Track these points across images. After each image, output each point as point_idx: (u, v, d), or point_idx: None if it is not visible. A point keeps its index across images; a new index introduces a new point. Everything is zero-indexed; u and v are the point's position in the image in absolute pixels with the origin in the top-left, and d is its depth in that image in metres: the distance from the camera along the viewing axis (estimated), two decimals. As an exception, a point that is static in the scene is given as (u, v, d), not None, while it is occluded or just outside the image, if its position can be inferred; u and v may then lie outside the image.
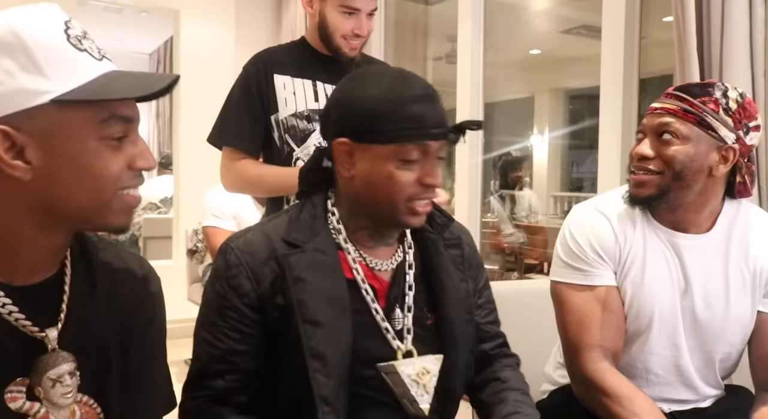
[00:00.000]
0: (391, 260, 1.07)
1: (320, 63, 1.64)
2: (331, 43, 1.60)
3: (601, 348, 1.19)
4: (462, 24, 3.04)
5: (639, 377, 1.25)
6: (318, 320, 0.94)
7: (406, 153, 0.95)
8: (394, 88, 0.96)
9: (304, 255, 0.98)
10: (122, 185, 0.75)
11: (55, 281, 0.79)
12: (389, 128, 0.94)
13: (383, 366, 1.00)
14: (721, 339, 1.24)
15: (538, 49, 6.76)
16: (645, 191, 1.19)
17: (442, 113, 0.99)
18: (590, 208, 1.29)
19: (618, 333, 1.22)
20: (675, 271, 1.23)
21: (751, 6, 1.70)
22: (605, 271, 1.24)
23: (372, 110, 0.95)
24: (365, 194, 1.00)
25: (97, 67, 0.72)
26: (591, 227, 1.26)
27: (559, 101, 7.85)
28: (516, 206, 5.22)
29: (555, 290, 1.29)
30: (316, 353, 0.93)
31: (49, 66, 0.68)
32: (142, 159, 0.76)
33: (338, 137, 0.98)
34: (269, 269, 0.98)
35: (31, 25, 0.69)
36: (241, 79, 1.64)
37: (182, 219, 4.02)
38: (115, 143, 0.73)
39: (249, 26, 4.17)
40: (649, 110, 1.22)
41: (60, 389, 0.76)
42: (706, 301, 1.22)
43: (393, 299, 1.05)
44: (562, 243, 1.29)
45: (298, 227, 1.01)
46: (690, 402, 1.28)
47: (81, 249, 0.83)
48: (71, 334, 0.78)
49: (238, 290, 0.97)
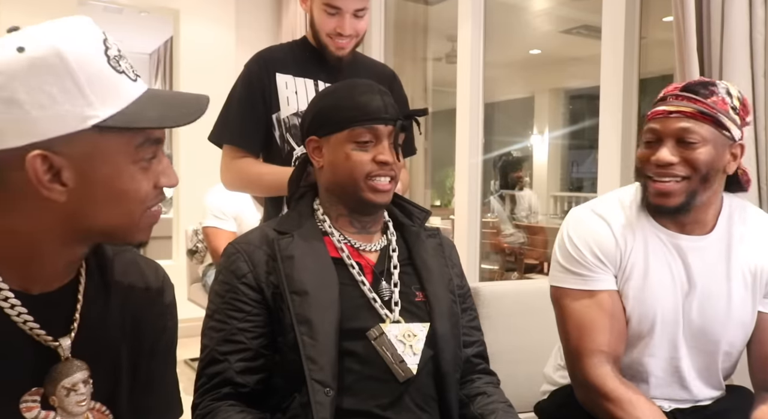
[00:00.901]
0: (375, 244, 1.19)
1: (321, 62, 1.65)
2: (320, 42, 1.62)
3: (602, 354, 1.18)
4: (462, 24, 3.04)
5: (639, 379, 1.25)
6: (304, 290, 1.06)
7: (358, 136, 1.13)
8: (344, 87, 1.19)
9: (293, 239, 1.12)
10: (150, 204, 0.76)
11: (70, 288, 0.79)
12: (341, 117, 1.13)
13: (371, 331, 1.08)
14: (722, 340, 1.24)
15: (538, 49, 6.76)
16: (674, 200, 1.17)
17: (389, 103, 1.16)
18: (588, 211, 1.28)
19: (619, 338, 1.21)
20: (678, 274, 1.22)
21: (751, 6, 1.69)
22: (606, 275, 1.23)
23: (327, 106, 1.17)
24: (333, 179, 1.16)
25: (134, 89, 0.73)
26: (590, 231, 1.24)
27: (559, 101, 7.86)
28: (516, 206, 5.23)
29: (555, 295, 1.28)
30: (303, 318, 1.04)
31: (92, 90, 0.68)
32: (165, 177, 0.77)
33: (306, 136, 1.18)
34: (263, 252, 1.11)
35: (74, 48, 0.67)
36: (243, 78, 1.64)
37: (182, 219, 4.03)
38: (146, 164, 0.74)
39: (249, 26, 4.17)
40: (658, 114, 1.19)
41: (75, 397, 0.77)
42: (708, 302, 1.22)
43: (379, 273, 1.15)
44: (561, 247, 1.27)
45: (287, 220, 1.17)
46: (690, 401, 1.28)
47: (96, 256, 0.83)
48: (84, 341, 0.78)
49: (237, 272, 1.10)
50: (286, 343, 1.05)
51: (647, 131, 1.20)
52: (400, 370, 1.07)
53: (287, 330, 1.05)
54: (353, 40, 1.62)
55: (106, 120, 0.69)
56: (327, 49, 1.61)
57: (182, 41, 4.08)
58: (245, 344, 1.06)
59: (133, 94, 0.72)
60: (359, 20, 1.60)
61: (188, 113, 0.75)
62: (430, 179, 5.40)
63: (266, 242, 1.12)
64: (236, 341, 1.06)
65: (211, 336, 1.08)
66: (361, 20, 1.60)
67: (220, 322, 1.08)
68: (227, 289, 1.09)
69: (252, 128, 1.62)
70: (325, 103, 1.17)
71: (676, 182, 1.16)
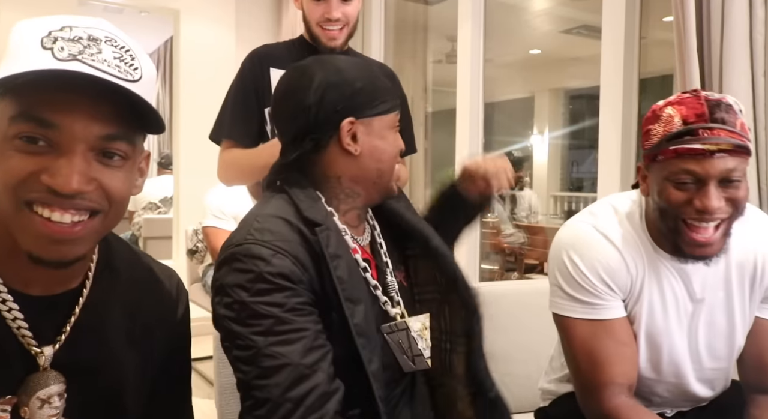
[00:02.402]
0: (366, 235, 1.10)
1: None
2: (312, 35, 1.63)
3: (616, 385, 1.12)
4: (462, 24, 3.04)
5: (643, 398, 1.22)
6: (356, 296, 0.94)
7: (395, 121, 1.04)
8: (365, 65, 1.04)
9: (330, 232, 0.95)
10: (24, 196, 0.65)
11: (73, 294, 0.75)
12: (384, 99, 1.01)
13: (388, 326, 1.02)
14: (727, 354, 1.21)
15: (538, 49, 6.76)
16: (716, 248, 1.08)
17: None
18: (590, 229, 1.18)
19: (632, 365, 1.15)
20: (681, 297, 1.17)
21: (751, 7, 1.69)
22: (616, 302, 1.16)
23: (373, 84, 1.01)
24: (372, 167, 1.02)
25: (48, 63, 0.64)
26: (598, 255, 1.15)
27: (559, 101, 7.86)
28: (516, 206, 5.23)
29: (560, 324, 1.20)
30: (362, 330, 0.92)
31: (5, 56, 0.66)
32: (48, 174, 0.65)
33: (339, 118, 0.98)
34: (305, 250, 0.92)
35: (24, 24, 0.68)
36: (238, 76, 1.66)
37: (182, 219, 4.03)
38: (24, 146, 0.65)
39: (249, 26, 4.17)
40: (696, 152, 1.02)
41: (48, 410, 0.73)
42: (711, 320, 1.18)
43: (382, 268, 1.08)
44: (563, 272, 1.18)
45: (308, 207, 0.96)
46: (693, 405, 1.28)
47: (107, 261, 0.79)
48: (71, 352, 0.74)
49: (292, 277, 0.89)
50: (338, 355, 0.91)
51: (682, 172, 1.04)
52: (413, 364, 1.04)
53: (340, 340, 0.91)
54: (344, 29, 1.62)
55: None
56: (319, 41, 1.62)
57: (182, 41, 4.08)
58: (327, 346, 0.90)
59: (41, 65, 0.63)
60: (347, 5, 1.60)
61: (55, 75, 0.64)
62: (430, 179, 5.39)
63: (301, 236, 0.93)
64: (321, 345, 0.89)
65: (284, 352, 0.85)
66: (348, 5, 1.60)
67: (293, 332, 0.86)
68: (288, 295, 0.87)
69: (245, 122, 1.63)
70: (365, 80, 1.00)
71: (716, 227, 1.06)
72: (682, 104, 1.06)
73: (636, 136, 2.30)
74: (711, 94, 1.06)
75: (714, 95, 1.06)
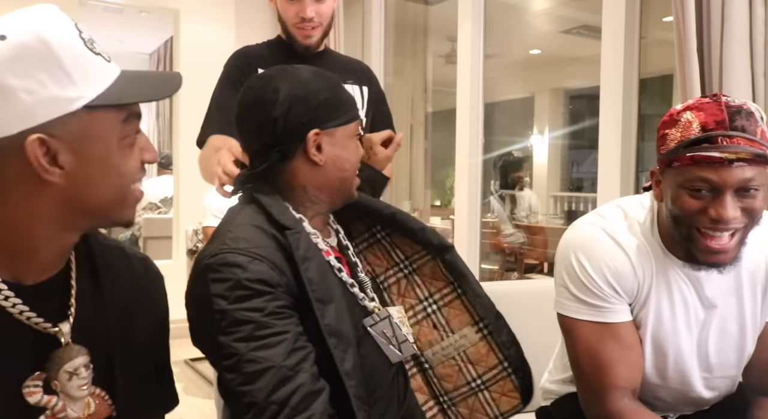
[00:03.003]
0: (333, 237, 1.14)
1: (295, 58, 1.63)
2: (288, 34, 1.65)
3: (620, 388, 1.12)
4: (462, 24, 3.04)
5: (647, 403, 1.20)
6: (327, 297, 0.96)
7: (356, 130, 1.08)
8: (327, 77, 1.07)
9: (300, 235, 0.99)
10: (135, 178, 0.79)
11: (61, 278, 0.80)
12: (346, 110, 1.06)
13: (370, 319, 1.08)
14: (737, 363, 1.20)
15: (538, 49, 6.76)
16: (730, 256, 1.06)
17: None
18: (599, 232, 1.16)
19: (636, 369, 1.15)
20: (693, 305, 1.15)
21: (751, 7, 1.69)
22: (622, 306, 1.15)
23: (335, 95, 1.05)
24: (335, 177, 1.06)
25: (112, 69, 0.76)
26: (605, 258, 1.13)
27: (559, 101, 7.86)
28: (516, 207, 5.22)
29: (565, 325, 1.19)
30: (333, 330, 0.95)
31: (77, 73, 0.71)
32: (148, 152, 0.80)
33: (304, 130, 1.01)
34: (281, 256, 0.95)
35: (55, 33, 0.70)
36: (224, 76, 1.67)
37: (182, 219, 4.02)
38: (131, 140, 0.77)
39: (249, 26, 4.17)
40: (713, 160, 0.99)
41: (76, 381, 0.78)
42: (723, 327, 1.17)
43: (353, 268, 1.14)
44: (570, 273, 1.16)
45: (279, 213, 1.00)
46: (696, 409, 1.27)
47: (85, 247, 0.84)
48: (81, 328, 0.80)
49: (270, 282, 0.91)
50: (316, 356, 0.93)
51: (698, 179, 1.01)
52: (398, 351, 1.07)
53: (314, 342, 0.93)
54: (319, 28, 1.63)
55: (95, 99, 0.71)
56: (295, 40, 1.63)
57: (182, 41, 4.08)
58: (309, 347, 0.92)
59: (112, 74, 0.75)
60: (321, 4, 1.61)
61: (168, 87, 0.78)
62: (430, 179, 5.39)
63: (276, 242, 0.96)
64: (302, 347, 0.91)
65: (266, 356, 0.87)
66: (322, 4, 1.61)
67: (274, 336, 0.88)
68: (267, 299, 0.90)
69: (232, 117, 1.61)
70: (328, 92, 1.04)
71: (731, 236, 1.04)
72: (701, 110, 1.03)
73: (636, 136, 2.30)
74: (732, 99, 1.03)
75: (735, 101, 1.03)
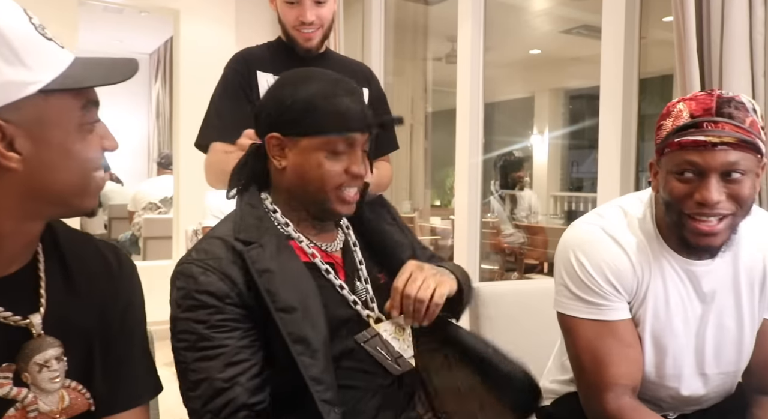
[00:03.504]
0: (337, 241, 1.14)
1: (294, 60, 1.64)
2: (288, 37, 1.65)
3: (620, 386, 1.13)
4: (462, 24, 3.04)
5: (647, 402, 1.20)
6: (290, 305, 0.97)
7: (334, 145, 1.03)
8: (318, 85, 1.05)
9: (261, 249, 1.00)
10: (96, 165, 0.77)
11: (29, 270, 0.79)
12: (317, 122, 1.02)
13: (362, 335, 1.05)
14: (741, 360, 1.21)
15: (538, 49, 6.76)
16: (719, 240, 1.07)
17: (366, 109, 1.07)
18: (598, 231, 1.17)
19: (636, 367, 1.16)
20: (689, 300, 1.16)
21: (751, 7, 1.69)
22: (621, 304, 1.15)
23: (300, 104, 1.03)
24: (297, 185, 1.06)
25: (66, 55, 0.73)
26: (604, 256, 1.15)
27: (559, 101, 7.86)
28: (516, 207, 5.22)
29: (565, 324, 1.20)
30: (297, 337, 0.96)
31: (30, 57, 0.69)
32: (107, 140, 0.78)
33: (269, 131, 1.05)
34: (236, 267, 0.98)
35: (4, 18, 0.68)
36: (223, 79, 1.67)
37: (182, 219, 4.02)
38: (90, 127, 0.75)
39: (249, 26, 4.17)
40: (698, 144, 1.03)
41: (47, 374, 0.77)
42: (720, 323, 1.17)
43: (351, 273, 1.11)
44: (569, 272, 1.17)
45: (245, 228, 1.03)
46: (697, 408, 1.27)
47: (51, 237, 0.83)
48: (53, 319, 0.78)
49: (218, 293, 0.96)
50: (281, 362, 0.97)
51: (684, 163, 1.05)
52: (396, 366, 1.06)
53: (280, 349, 0.96)
54: (319, 30, 1.63)
55: (50, 84, 0.70)
56: (296, 43, 1.64)
57: (182, 41, 4.08)
58: (251, 360, 0.96)
59: (66, 59, 0.73)
60: (321, 7, 1.61)
61: (124, 72, 0.76)
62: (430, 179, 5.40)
63: (234, 253, 0.99)
64: (241, 360, 0.95)
65: (205, 367, 0.93)
66: (322, 7, 1.62)
67: (212, 349, 0.94)
68: (210, 312, 0.95)
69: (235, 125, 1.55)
70: (297, 99, 1.03)
71: (719, 220, 1.06)
72: (693, 100, 1.07)
73: (636, 136, 2.30)
74: (726, 93, 1.07)
75: (728, 94, 1.07)
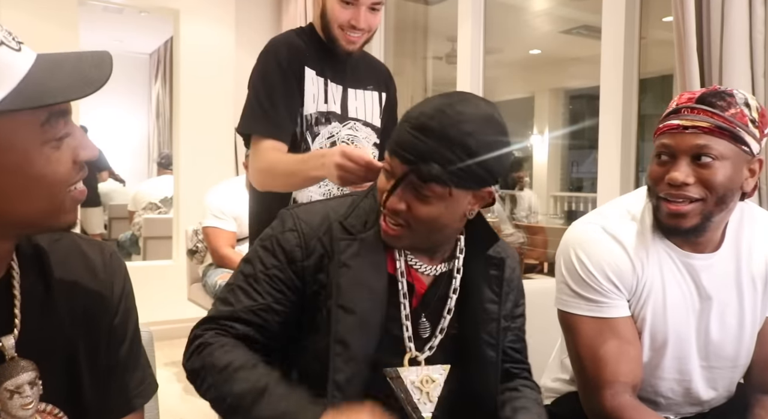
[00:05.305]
0: (435, 268, 1.05)
1: (328, 58, 1.60)
2: (330, 34, 1.57)
3: (620, 384, 1.13)
4: (462, 24, 3.04)
5: (648, 400, 1.21)
6: (351, 307, 0.96)
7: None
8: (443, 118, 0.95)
9: (355, 243, 0.99)
10: (71, 182, 0.69)
11: (1, 289, 0.71)
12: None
13: (389, 370, 1.01)
14: (740, 356, 1.21)
15: (538, 49, 6.76)
16: (688, 222, 1.09)
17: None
18: (598, 230, 1.18)
19: (636, 364, 1.16)
20: (689, 295, 1.17)
21: (751, 6, 1.69)
22: (620, 301, 1.16)
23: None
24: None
25: (21, 60, 0.62)
26: (605, 255, 1.16)
27: (559, 101, 7.86)
28: (516, 207, 5.23)
29: (565, 321, 1.21)
30: (341, 338, 0.95)
31: None
32: (83, 149, 0.69)
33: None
34: (320, 245, 1.00)
35: None
36: (274, 65, 1.55)
37: (182, 219, 4.02)
38: (57, 142, 0.66)
39: (249, 26, 4.17)
40: (672, 128, 1.09)
41: (19, 400, 0.70)
42: (721, 319, 1.18)
43: (426, 302, 1.04)
44: (570, 270, 1.19)
45: (356, 214, 1.02)
46: (699, 409, 1.27)
47: (30, 247, 0.76)
48: (30, 340, 0.72)
49: (289, 254, 1.00)
50: (313, 349, 0.98)
51: (660, 145, 1.11)
52: (413, 415, 1.00)
53: (319, 338, 0.97)
54: (365, 35, 1.58)
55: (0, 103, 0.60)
56: (337, 43, 1.56)
57: (182, 41, 4.08)
58: (269, 323, 0.99)
59: (23, 67, 0.62)
60: (374, 14, 1.56)
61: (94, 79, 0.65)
62: (430, 179, 5.38)
63: (328, 236, 1.00)
64: (264, 318, 0.99)
65: (240, 299, 1.00)
66: (376, 15, 1.57)
67: (255, 291, 1.00)
68: (274, 264, 1.00)
69: (288, 119, 1.53)
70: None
71: (688, 203, 1.08)
72: (688, 93, 1.12)
73: (636, 136, 2.30)
74: (726, 88, 1.10)
75: (726, 89, 1.10)
